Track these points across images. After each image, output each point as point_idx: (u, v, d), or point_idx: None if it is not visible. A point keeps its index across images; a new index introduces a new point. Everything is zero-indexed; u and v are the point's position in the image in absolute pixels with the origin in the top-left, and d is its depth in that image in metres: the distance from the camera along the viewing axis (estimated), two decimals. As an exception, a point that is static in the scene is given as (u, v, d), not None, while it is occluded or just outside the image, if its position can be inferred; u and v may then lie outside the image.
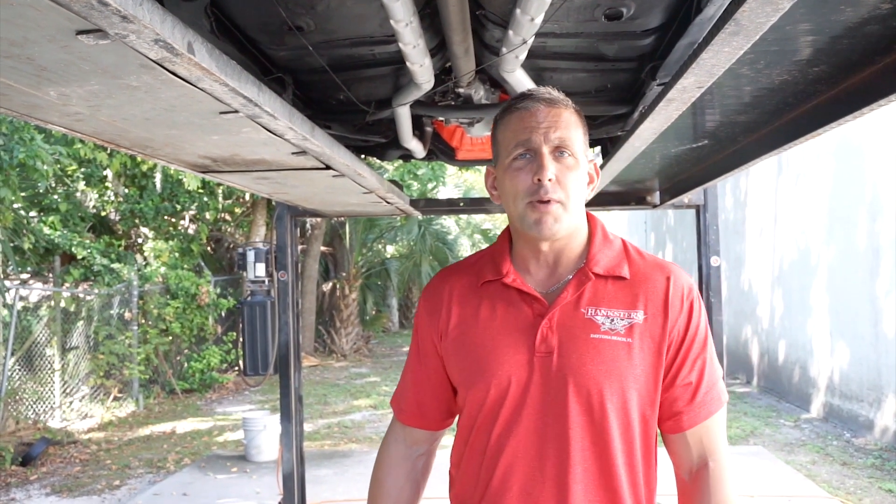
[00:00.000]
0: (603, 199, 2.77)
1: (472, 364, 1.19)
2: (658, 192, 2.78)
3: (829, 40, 1.27)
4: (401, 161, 3.34)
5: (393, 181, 2.65)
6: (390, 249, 16.50)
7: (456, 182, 16.76)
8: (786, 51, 1.33)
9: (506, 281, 1.20)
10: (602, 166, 2.02)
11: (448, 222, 15.55)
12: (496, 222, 19.82)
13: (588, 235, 1.24)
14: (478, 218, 17.87)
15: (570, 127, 1.17)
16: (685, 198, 2.58)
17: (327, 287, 13.90)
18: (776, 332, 8.34)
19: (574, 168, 1.16)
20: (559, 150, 1.15)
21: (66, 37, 0.83)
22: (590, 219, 1.27)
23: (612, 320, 1.16)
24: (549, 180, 1.13)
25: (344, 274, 13.26)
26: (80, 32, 0.83)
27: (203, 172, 2.10)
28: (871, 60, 1.28)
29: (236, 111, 1.38)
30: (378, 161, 3.55)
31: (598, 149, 2.59)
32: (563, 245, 1.20)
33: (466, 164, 2.67)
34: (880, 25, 1.20)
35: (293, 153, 1.88)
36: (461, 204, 3.25)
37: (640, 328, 1.15)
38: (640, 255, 1.25)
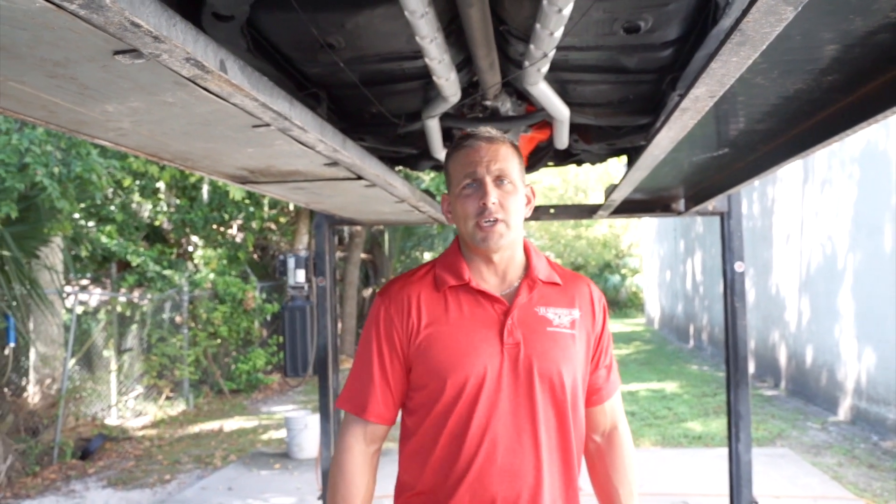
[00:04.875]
0: (628, 207, 2.78)
1: (450, 356, 1.35)
2: (683, 200, 2.78)
3: (841, 49, 1.29)
4: (436, 171, 3.41)
5: (426, 191, 2.72)
6: (427, 256, 16.64)
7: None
8: (799, 60, 1.35)
9: (471, 285, 1.41)
10: (625, 176, 2.05)
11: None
12: (530, 229, 19.75)
13: (524, 251, 1.48)
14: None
15: (507, 159, 1.41)
16: (709, 205, 2.58)
17: (367, 293, 14.09)
18: (803, 337, 8.30)
19: (512, 193, 1.39)
20: (499, 179, 1.38)
21: (104, 57, 0.91)
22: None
23: (560, 316, 1.42)
24: (493, 203, 1.36)
25: (383, 280, 13.42)
26: (116, 52, 0.90)
27: (242, 183, 2.20)
28: (884, 69, 1.29)
29: (268, 125, 1.46)
30: (414, 172, 3.63)
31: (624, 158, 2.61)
32: (510, 257, 1.44)
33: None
34: (891, 34, 1.22)
35: (325, 164, 1.96)
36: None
37: (578, 322, 1.43)
38: (559, 266, 1.53)
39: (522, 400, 1.35)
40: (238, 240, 11.05)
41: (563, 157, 2.53)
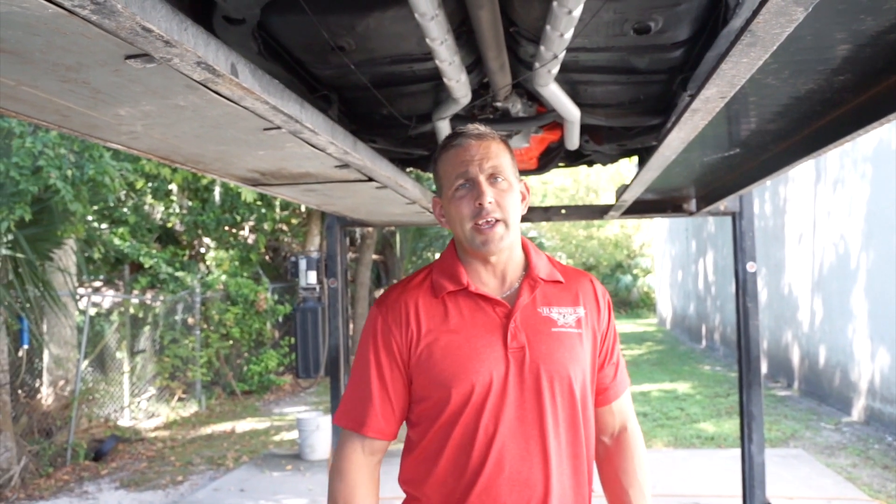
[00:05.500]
0: (640, 208, 2.78)
1: (452, 365, 1.30)
2: (694, 200, 2.78)
3: (852, 49, 1.28)
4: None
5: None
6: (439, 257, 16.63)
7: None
8: (810, 60, 1.34)
9: (470, 289, 1.35)
10: (636, 176, 2.04)
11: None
12: (541, 230, 19.74)
13: (522, 249, 1.42)
14: (524, 226, 17.88)
15: (499, 155, 1.35)
16: (721, 205, 2.57)
17: (379, 294, 14.15)
18: (816, 337, 8.29)
19: (508, 190, 1.33)
20: (493, 177, 1.32)
21: (116, 61, 0.92)
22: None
23: (564, 316, 1.36)
24: (490, 203, 1.30)
25: (395, 281, 13.45)
26: (128, 57, 0.91)
27: (254, 185, 2.22)
28: (895, 68, 1.28)
29: (279, 127, 1.47)
30: (425, 173, 3.64)
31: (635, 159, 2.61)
32: (508, 257, 1.38)
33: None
34: (903, 34, 1.21)
35: (336, 166, 1.96)
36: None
37: (584, 321, 1.38)
38: (559, 263, 1.47)
39: (529, 406, 1.30)
40: (250, 241, 11.11)
41: (575, 158, 2.53)
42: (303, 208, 10.94)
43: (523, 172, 2.67)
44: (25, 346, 6.45)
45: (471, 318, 1.34)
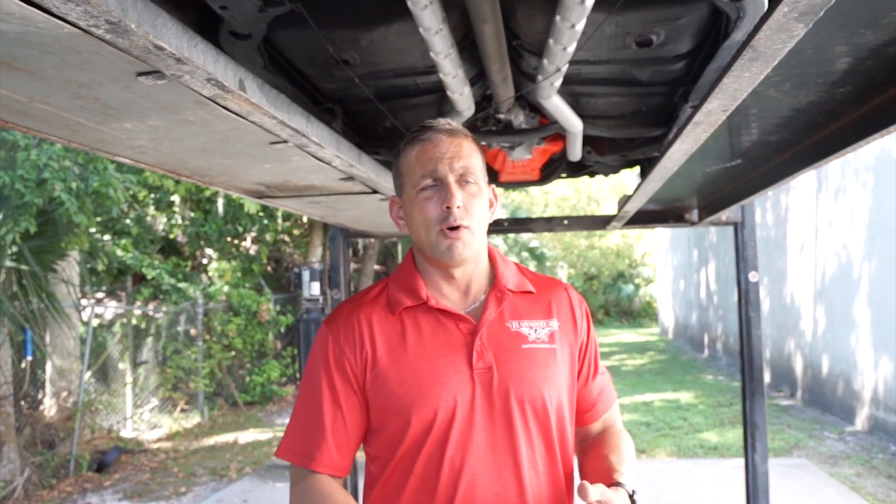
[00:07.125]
0: (642, 218, 2.80)
1: (412, 390, 1.17)
2: (696, 210, 2.79)
3: (853, 62, 1.29)
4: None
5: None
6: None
7: (503, 202, 16.84)
8: (811, 73, 1.36)
9: (430, 304, 1.22)
10: (638, 187, 2.06)
11: (496, 241, 15.61)
12: (543, 240, 19.80)
13: (489, 258, 1.30)
14: (525, 236, 17.93)
15: (471, 156, 1.22)
16: (723, 215, 2.59)
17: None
18: (819, 346, 8.29)
19: (478, 195, 1.21)
20: (464, 179, 1.20)
21: (127, 78, 0.94)
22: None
23: (536, 330, 1.23)
24: (458, 207, 1.17)
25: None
26: (140, 74, 0.93)
27: (258, 198, 2.23)
28: (895, 80, 1.29)
29: (285, 141, 1.49)
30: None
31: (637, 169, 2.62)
32: (473, 268, 1.25)
33: (509, 185, 2.73)
34: (903, 47, 1.22)
35: (341, 178, 1.98)
36: (505, 223, 3.31)
37: (558, 334, 1.25)
38: (530, 272, 1.35)
39: (500, 432, 1.16)
40: (252, 252, 11.13)
41: (577, 169, 2.54)
42: (305, 219, 10.96)
43: (524, 183, 2.69)
44: (29, 358, 6.46)
45: (431, 336, 1.20)
